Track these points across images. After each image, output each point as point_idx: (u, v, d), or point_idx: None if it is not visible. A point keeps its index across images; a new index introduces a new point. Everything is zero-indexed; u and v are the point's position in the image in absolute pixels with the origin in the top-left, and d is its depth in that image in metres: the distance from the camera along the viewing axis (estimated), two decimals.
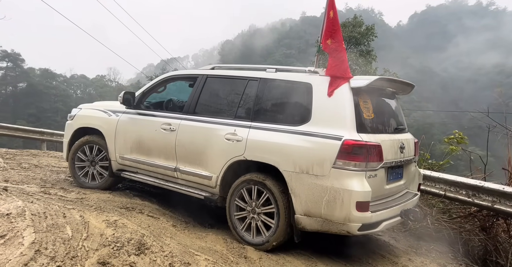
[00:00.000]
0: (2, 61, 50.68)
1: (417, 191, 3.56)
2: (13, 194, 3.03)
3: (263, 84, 3.31)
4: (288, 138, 2.94)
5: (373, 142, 2.79)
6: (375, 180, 2.82)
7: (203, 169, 3.42)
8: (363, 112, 2.93)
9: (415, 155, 3.53)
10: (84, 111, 4.40)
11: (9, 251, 2.07)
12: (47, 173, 4.56)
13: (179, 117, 3.67)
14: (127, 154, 3.98)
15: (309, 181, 2.78)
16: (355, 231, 2.68)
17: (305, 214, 2.81)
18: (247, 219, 3.14)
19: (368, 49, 19.39)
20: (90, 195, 3.79)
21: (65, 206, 3.13)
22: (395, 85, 3.42)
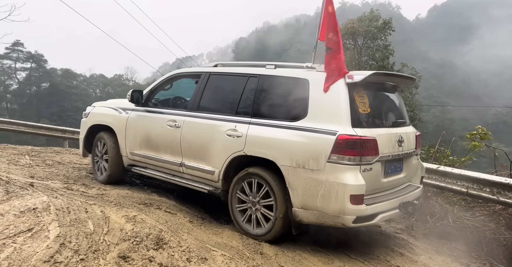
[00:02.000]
0: (27, 62, 52.68)
1: (419, 184, 3.57)
2: (39, 190, 3.16)
3: (262, 81, 3.36)
4: (285, 133, 3.00)
5: (368, 137, 2.83)
6: (370, 174, 2.86)
7: (206, 164, 3.51)
8: (358, 107, 2.95)
9: (416, 148, 3.52)
10: (97, 109, 4.59)
11: (36, 244, 2.16)
12: (69, 169, 4.72)
13: (184, 114, 3.78)
14: (136, 150, 4.12)
15: (305, 175, 2.83)
16: (349, 224, 2.73)
17: (302, 207, 2.87)
18: (248, 211, 3.24)
19: (385, 43, 18.90)
20: (110, 191, 3.90)
21: (86, 202, 3.23)
22: (395, 79, 3.43)
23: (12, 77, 52.32)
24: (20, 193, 2.87)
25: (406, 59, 26.91)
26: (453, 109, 48.90)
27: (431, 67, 68.13)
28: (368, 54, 18.60)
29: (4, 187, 2.90)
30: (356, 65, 18.43)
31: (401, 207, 3.03)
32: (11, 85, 52.72)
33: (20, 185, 3.12)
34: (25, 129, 9.25)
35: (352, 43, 19.52)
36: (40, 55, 53.68)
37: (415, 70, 19.70)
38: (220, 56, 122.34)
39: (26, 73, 53.20)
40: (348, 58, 18.15)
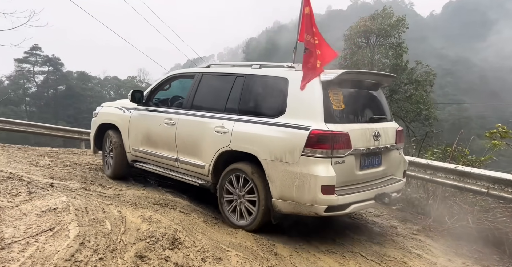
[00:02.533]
0: (44, 66, 54.23)
1: (402, 177, 3.72)
2: (58, 190, 3.25)
3: (248, 80, 3.56)
4: (266, 129, 3.20)
5: (340, 131, 2.99)
6: (342, 166, 3.01)
7: (198, 159, 3.73)
8: (332, 104, 3.11)
9: (396, 142, 3.62)
10: (105, 109, 4.93)
11: (58, 243, 2.23)
12: (87, 170, 4.83)
13: (179, 112, 4.02)
14: (138, 146, 4.38)
15: (282, 168, 3.02)
16: (321, 212, 2.92)
17: (280, 198, 3.05)
18: (233, 202, 3.46)
19: (399, 41, 18.49)
20: (125, 191, 3.97)
21: (103, 202, 3.30)
22: (372, 76, 3.60)
23: (30, 81, 53.95)
24: (41, 194, 2.96)
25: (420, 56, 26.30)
26: (469, 106, 47.53)
27: (446, 64, 66.38)
28: (381, 52, 18.23)
29: (26, 187, 2.99)
30: (369, 64, 18.12)
31: (376, 198, 3.19)
32: (30, 88, 54.37)
33: (40, 185, 3.22)
34: (44, 131, 9.52)
35: (364, 42, 19.21)
36: (57, 58, 55.15)
37: (430, 67, 19.18)
38: (231, 57, 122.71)
39: (43, 77, 54.74)
40: (360, 56, 17.91)
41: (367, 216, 4.49)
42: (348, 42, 19.10)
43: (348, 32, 19.28)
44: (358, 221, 4.18)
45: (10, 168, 3.73)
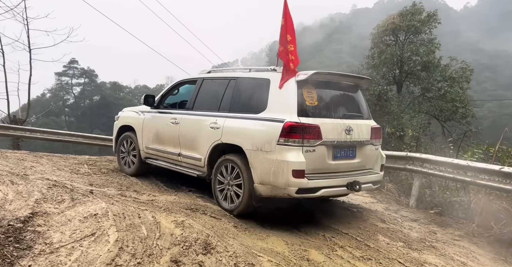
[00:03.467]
0: (81, 78, 57.82)
1: (380, 171, 4.10)
2: (98, 197, 3.42)
3: (239, 82, 4.06)
4: (249, 123, 3.66)
5: (310, 124, 3.40)
6: (313, 155, 3.41)
7: (196, 152, 4.20)
8: (306, 100, 3.54)
9: (371, 138, 3.96)
10: (125, 113, 5.51)
11: (99, 248, 2.34)
12: (122, 177, 5.04)
13: (182, 113, 4.56)
14: (150, 145, 4.88)
15: (262, 157, 3.43)
16: (293, 194, 3.29)
17: (260, 183, 3.45)
18: (224, 190, 3.88)
19: (430, 37, 17.62)
20: (159, 197, 4.10)
21: (139, 207, 3.43)
22: (347, 79, 4.03)
23: (69, 92, 57.70)
24: (82, 200, 3.14)
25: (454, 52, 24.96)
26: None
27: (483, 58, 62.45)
28: (411, 50, 17.44)
29: (70, 194, 3.19)
30: (398, 62, 17.47)
31: (348, 185, 3.56)
32: (69, 100, 58.12)
33: (82, 192, 3.41)
34: (83, 140, 10.11)
35: (393, 39, 18.51)
36: (92, 70, 58.59)
37: (465, 63, 18.10)
38: (255, 61, 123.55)
39: (80, 88, 58.31)
40: (388, 55, 17.31)
41: (402, 221, 4.31)
42: (375, 41, 18.52)
43: (375, 30, 18.70)
44: (393, 226, 4.02)
45: (55, 176, 3.99)
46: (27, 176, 3.38)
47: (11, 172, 3.28)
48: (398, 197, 6.01)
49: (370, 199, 5.86)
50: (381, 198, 5.98)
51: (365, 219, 4.24)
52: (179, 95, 5.12)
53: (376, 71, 17.68)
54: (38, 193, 2.88)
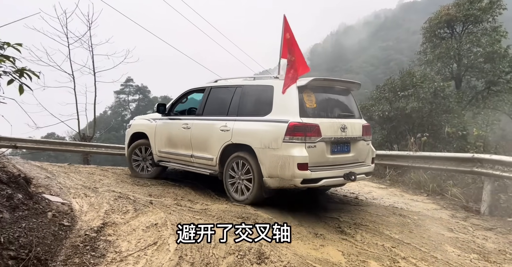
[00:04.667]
0: (136, 94, 62.94)
1: (371, 163, 4.62)
2: (157, 207, 3.66)
3: (244, 89, 4.55)
4: (257, 125, 4.15)
5: (311, 123, 3.90)
6: (315, 150, 3.90)
7: (208, 153, 4.67)
8: (306, 103, 4.03)
9: (363, 135, 4.48)
10: (136, 121, 6.00)
11: (161, 256, 2.50)
12: (176, 187, 5.29)
13: (193, 118, 5.06)
14: (162, 148, 5.36)
15: (270, 153, 3.92)
16: (298, 184, 3.78)
17: (269, 176, 3.94)
18: (235, 184, 4.39)
19: (494, 25, 15.70)
20: (211, 206, 4.24)
21: (194, 217, 3.58)
22: (340, 84, 4.51)
23: (126, 108, 63.03)
24: (144, 210, 3.38)
25: None
26: None
27: None
28: (471, 41, 15.70)
29: (133, 205, 3.46)
30: (456, 56, 15.94)
31: (345, 176, 4.03)
32: (126, 115, 63.47)
33: (142, 203, 3.68)
34: None
35: (448, 32, 16.93)
36: (145, 86, 63.32)
37: None
38: None
39: (135, 104, 63.37)
40: (444, 49, 15.89)
41: (474, 230, 3.90)
42: (427, 35, 17.08)
43: (426, 24, 17.29)
44: (463, 235, 3.65)
45: (119, 188, 4.37)
46: (97, 189, 3.75)
47: (84, 186, 3.67)
48: (466, 203, 5.46)
49: (433, 205, 5.41)
50: (445, 204, 5.49)
51: (428, 228, 3.93)
52: (187, 103, 5.62)
53: (430, 67, 16.31)
54: (106, 205, 3.18)
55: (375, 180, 8.05)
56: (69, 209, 2.79)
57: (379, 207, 5.16)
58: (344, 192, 6.29)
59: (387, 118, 11.33)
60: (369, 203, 5.48)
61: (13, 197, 2.16)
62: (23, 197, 2.26)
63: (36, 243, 2.04)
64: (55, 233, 2.30)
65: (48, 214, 2.39)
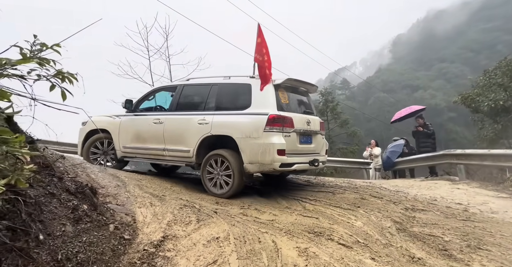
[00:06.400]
0: None
1: (325, 154, 5.48)
2: (221, 217, 3.46)
3: (221, 87, 5.07)
4: (238, 118, 4.65)
5: (287, 116, 4.62)
6: (289, 139, 4.60)
7: (183, 146, 5.00)
8: (281, 99, 4.74)
9: (320, 129, 5.34)
10: (95, 118, 5.89)
11: None
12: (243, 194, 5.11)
13: (165, 114, 5.39)
14: (128, 144, 5.54)
15: (251, 142, 4.44)
16: (277, 168, 4.40)
17: (249, 163, 4.44)
18: (214, 179, 4.77)
19: None
20: (279, 217, 3.87)
21: (259, 229, 3.26)
22: (305, 85, 5.37)
23: None
24: (207, 221, 3.20)
25: None
26: None
27: None
28: None
29: (196, 215, 3.31)
30: None
31: (310, 162, 4.86)
32: None
33: (207, 212, 3.52)
34: None
35: None
36: None
37: None
38: (376, 60, 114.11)
39: None
40: None
41: None
42: None
43: None
44: None
45: (188, 196, 4.32)
46: (165, 197, 3.74)
47: (152, 194, 3.70)
48: None
49: None
50: None
51: None
52: (154, 101, 5.81)
53: None
54: (170, 215, 3.09)
55: (489, 187, 6.52)
56: (132, 220, 2.74)
57: (503, 225, 4.05)
58: (447, 203, 5.20)
59: (502, 108, 9.24)
60: (486, 218, 4.37)
61: (78, 209, 2.16)
62: (88, 208, 2.27)
63: (94, 260, 1.98)
64: (115, 247, 2.23)
65: (110, 226, 2.35)
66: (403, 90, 68.30)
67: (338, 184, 5.88)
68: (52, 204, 1.99)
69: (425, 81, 69.60)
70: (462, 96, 10.78)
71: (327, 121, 22.44)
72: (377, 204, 4.72)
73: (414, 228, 4.03)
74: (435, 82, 67.60)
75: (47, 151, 2.86)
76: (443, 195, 5.71)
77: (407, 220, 4.29)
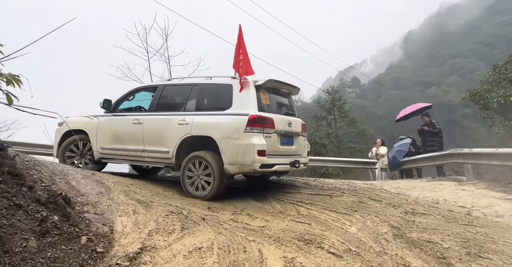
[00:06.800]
0: None
1: (306, 155, 5.48)
2: (208, 224, 3.35)
3: (202, 87, 5.02)
4: (219, 118, 4.59)
5: (267, 116, 4.63)
6: (270, 140, 4.60)
7: (163, 147, 4.89)
8: (262, 100, 4.74)
9: (302, 131, 5.35)
10: (71, 119, 5.72)
11: None
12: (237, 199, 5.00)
13: (145, 114, 5.29)
14: (106, 145, 5.38)
15: (231, 143, 4.40)
16: (257, 168, 4.40)
17: (230, 163, 4.40)
18: (195, 182, 4.67)
19: None
20: (271, 223, 3.76)
21: (246, 237, 3.16)
22: (286, 87, 5.37)
23: None
24: (192, 229, 3.09)
25: None
26: None
27: None
28: None
29: (182, 223, 3.18)
30: None
31: (291, 164, 4.88)
32: None
33: (194, 219, 3.41)
34: None
35: None
36: None
37: None
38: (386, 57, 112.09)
39: None
40: None
41: None
42: None
43: None
44: None
45: (179, 201, 4.24)
46: (152, 204, 3.63)
47: (138, 201, 3.58)
48: None
49: None
50: None
51: None
52: (134, 101, 5.64)
53: None
54: (153, 223, 3.00)
55: (497, 188, 6.23)
56: (109, 231, 2.63)
57: (507, 230, 3.85)
58: (449, 206, 4.98)
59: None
60: (490, 222, 4.15)
61: (47, 220, 2.08)
62: (59, 220, 2.19)
63: None
64: (84, 262, 2.09)
65: (83, 238, 2.25)
66: (415, 87, 66.89)
67: (337, 187, 5.72)
68: (15, 217, 1.93)
69: (438, 77, 67.96)
70: (470, 93, 10.37)
71: (334, 120, 22.22)
72: (375, 208, 4.56)
73: (412, 233, 3.87)
74: (448, 78, 65.94)
75: (19, 158, 2.81)
76: (447, 197, 5.48)
77: (406, 225, 4.12)
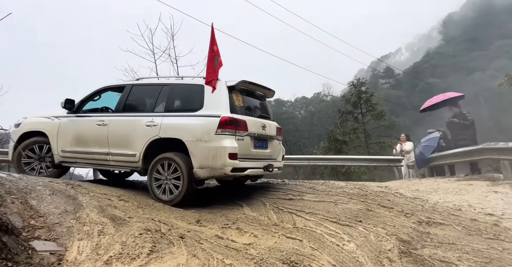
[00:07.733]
0: None
1: (281, 160, 5.47)
2: (185, 243, 3.03)
3: (172, 87, 4.89)
4: (189, 120, 4.55)
5: (240, 118, 4.53)
6: (242, 142, 4.50)
7: (129, 149, 4.71)
8: (234, 102, 4.67)
9: (276, 135, 5.29)
10: (29, 119, 5.45)
11: None
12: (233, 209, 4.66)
13: (111, 115, 5.08)
14: (67, 148, 5.12)
15: (201, 145, 4.34)
16: (229, 172, 4.30)
17: (200, 167, 4.34)
18: (162, 185, 4.53)
19: None
20: (259, 239, 3.40)
21: (223, 261, 2.81)
22: (261, 89, 5.28)
23: None
24: (162, 252, 2.76)
25: None
26: None
27: None
28: None
29: (154, 244, 2.79)
30: None
31: (264, 168, 4.80)
32: None
33: (171, 237, 3.08)
34: None
35: None
36: None
37: None
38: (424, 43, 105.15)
39: None
40: None
41: None
42: None
43: None
44: None
45: (165, 216, 4.02)
46: (130, 220, 3.35)
47: (113, 218, 3.25)
48: None
49: None
50: None
51: None
52: (100, 101, 5.35)
53: None
54: (118, 246, 2.71)
55: None
56: (56, 261, 2.34)
57: None
58: (474, 213, 4.30)
59: None
60: None
61: None
62: None
63: None
64: None
65: None
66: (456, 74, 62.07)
67: (346, 191, 5.21)
68: None
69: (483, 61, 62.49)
70: (509, 77, 9.09)
71: (361, 114, 21.03)
72: (383, 217, 4.05)
73: (424, 249, 3.34)
74: (495, 62, 60.31)
75: None
76: (473, 202, 4.75)
77: (418, 238, 3.59)
